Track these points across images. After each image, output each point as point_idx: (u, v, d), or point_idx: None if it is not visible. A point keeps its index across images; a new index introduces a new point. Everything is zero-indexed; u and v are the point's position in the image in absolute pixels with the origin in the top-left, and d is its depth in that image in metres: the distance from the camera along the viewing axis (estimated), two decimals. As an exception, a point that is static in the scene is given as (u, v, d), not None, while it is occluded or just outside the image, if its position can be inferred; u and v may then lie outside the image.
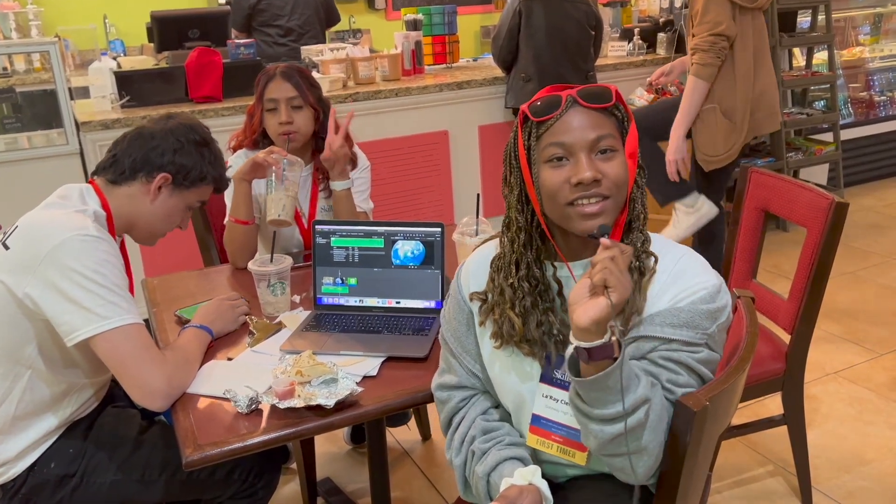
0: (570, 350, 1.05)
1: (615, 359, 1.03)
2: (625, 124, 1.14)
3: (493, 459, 1.21)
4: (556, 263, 1.19)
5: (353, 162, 2.16)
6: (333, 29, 5.89)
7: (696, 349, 1.12)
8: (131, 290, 1.52)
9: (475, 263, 1.29)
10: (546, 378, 1.19)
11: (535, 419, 1.21)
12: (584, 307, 1.02)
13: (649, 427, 1.06)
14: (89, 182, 1.57)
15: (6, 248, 1.43)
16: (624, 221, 1.14)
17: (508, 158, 1.17)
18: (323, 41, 4.77)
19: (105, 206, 1.52)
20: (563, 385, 1.18)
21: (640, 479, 1.11)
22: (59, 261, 1.36)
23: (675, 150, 2.83)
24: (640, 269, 1.13)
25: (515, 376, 1.22)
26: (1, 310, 1.42)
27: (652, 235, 1.18)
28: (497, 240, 1.26)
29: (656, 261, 1.15)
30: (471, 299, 1.26)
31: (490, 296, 1.22)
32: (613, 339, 1.03)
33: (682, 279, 1.13)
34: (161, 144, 1.54)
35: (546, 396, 1.19)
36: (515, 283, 1.17)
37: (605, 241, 1.03)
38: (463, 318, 1.28)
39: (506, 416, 1.29)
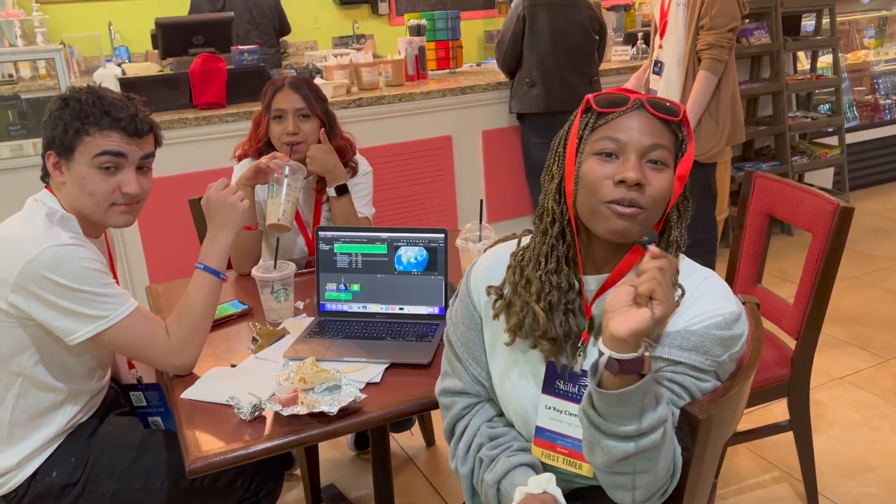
0: (602, 358, 0.99)
1: (642, 374, 0.98)
2: (683, 145, 1.10)
3: (502, 467, 1.18)
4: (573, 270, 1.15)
5: (354, 169, 2.17)
6: (338, 34, 5.93)
7: (703, 377, 1.08)
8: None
9: (487, 264, 1.25)
10: (549, 389, 1.16)
11: (540, 431, 1.18)
12: (624, 316, 0.97)
13: (664, 448, 1.03)
14: (46, 188, 1.54)
15: None
16: None
17: (556, 146, 1.14)
18: (278, 52, 4.79)
19: (65, 207, 1.49)
20: (566, 396, 1.15)
21: (637, 501, 1.07)
22: (36, 273, 1.36)
23: None
24: None
25: (516, 382, 1.19)
26: None
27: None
28: (509, 242, 1.24)
29: (683, 294, 1.09)
30: (488, 293, 1.21)
31: (509, 288, 1.17)
32: (646, 353, 0.98)
33: (700, 302, 1.09)
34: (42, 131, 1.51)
35: (549, 408, 1.16)
36: (543, 276, 1.12)
37: (653, 249, 0.99)
38: (472, 322, 1.25)
39: (510, 425, 1.27)
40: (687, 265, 1.15)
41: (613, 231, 1.06)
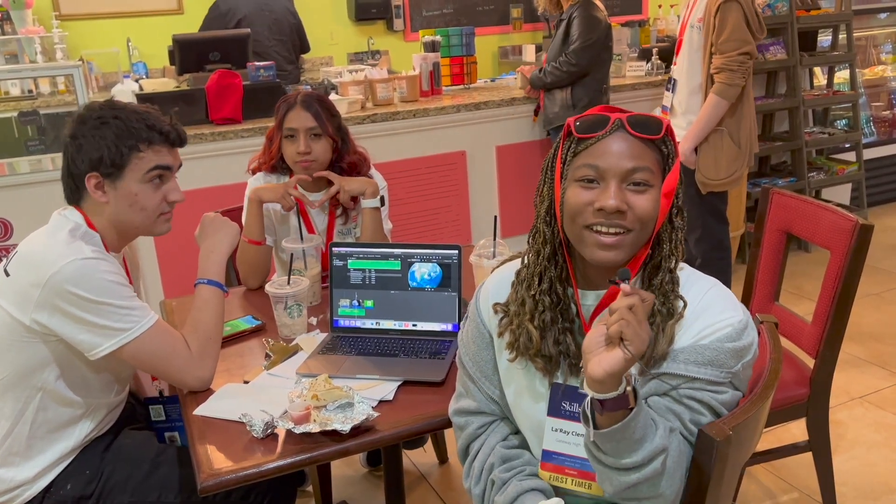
0: (585, 401, 1.02)
1: (631, 408, 1.00)
2: (669, 160, 1.10)
3: (513, 490, 1.18)
4: (569, 289, 1.16)
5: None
6: (353, 50, 5.96)
7: (720, 388, 1.08)
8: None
9: (494, 283, 1.27)
10: (554, 410, 1.16)
11: (547, 455, 1.18)
12: (599, 358, 0.98)
13: (666, 475, 1.04)
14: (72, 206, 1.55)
15: (7, 274, 1.44)
16: (643, 258, 1.11)
17: (545, 169, 1.15)
18: (297, 67, 4.81)
19: (90, 224, 1.50)
20: (572, 416, 1.15)
21: None
22: (60, 287, 1.37)
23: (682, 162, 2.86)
24: (669, 311, 1.09)
25: (529, 398, 1.20)
26: (9, 336, 1.43)
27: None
28: (515, 261, 1.24)
29: (685, 306, 1.10)
30: (494, 311, 1.23)
31: (511, 307, 1.20)
32: (629, 389, 0.99)
33: (706, 315, 1.09)
34: (70, 154, 1.49)
35: (556, 430, 1.16)
36: (537, 296, 1.15)
37: (625, 287, 0.99)
38: (482, 341, 1.26)
39: (525, 443, 1.27)
40: (689, 276, 1.16)
41: (598, 261, 1.08)
